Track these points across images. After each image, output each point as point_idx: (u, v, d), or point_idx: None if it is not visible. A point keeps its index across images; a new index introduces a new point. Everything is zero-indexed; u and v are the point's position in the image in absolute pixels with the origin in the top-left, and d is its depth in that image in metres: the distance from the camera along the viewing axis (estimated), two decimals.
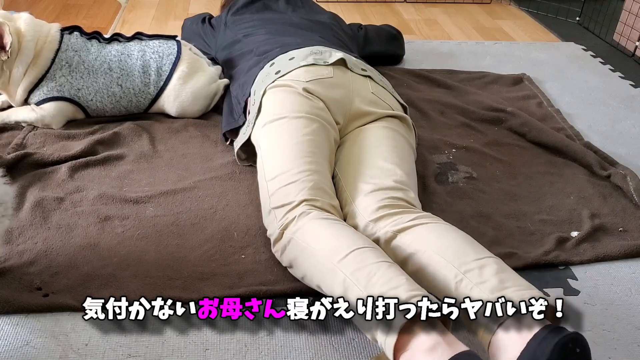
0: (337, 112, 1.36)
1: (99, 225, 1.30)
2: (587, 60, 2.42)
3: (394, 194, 1.18)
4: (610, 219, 1.41)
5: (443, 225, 1.11)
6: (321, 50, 1.45)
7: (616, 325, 1.14)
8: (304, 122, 1.28)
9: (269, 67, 1.45)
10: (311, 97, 1.33)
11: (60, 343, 1.04)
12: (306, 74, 1.36)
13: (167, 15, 2.75)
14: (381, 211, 1.14)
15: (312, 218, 1.11)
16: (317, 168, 1.22)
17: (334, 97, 1.36)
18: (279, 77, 1.38)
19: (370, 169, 1.25)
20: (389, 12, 2.94)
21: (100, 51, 1.67)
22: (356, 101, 1.37)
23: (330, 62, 1.40)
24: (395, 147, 1.31)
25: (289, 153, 1.24)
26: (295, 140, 1.25)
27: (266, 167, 1.26)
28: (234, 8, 1.95)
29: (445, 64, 2.26)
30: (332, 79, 1.37)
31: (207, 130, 1.69)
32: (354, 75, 1.41)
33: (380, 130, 1.34)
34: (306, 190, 1.17)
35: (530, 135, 1.73)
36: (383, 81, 1.47)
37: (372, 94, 1.39)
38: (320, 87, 1.35)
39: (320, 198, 1.17)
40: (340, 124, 1.37)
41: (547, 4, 3.05)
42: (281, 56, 1.47)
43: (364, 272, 0.96)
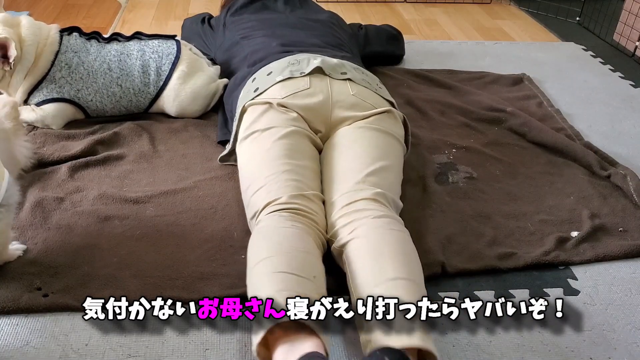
0: (316, 120, 1.36)
1: (99, 225, 1.30)
2: (587, 60, 2.42)
3: (353, 198, 1.18)
4: (610, 219, 1.41)
5: (366, 240, 1.09)
6: (299, 60, 1.45)
7: (616, 325, 1.14)
8: (274, 131, 1.30)
9: (251, 83, 1.47)
10: (284, 111, 1.34)
11: (60, 343, 1.04)
12: (282, 90, 1.38)
13: (167, 15, 2.75)
14: (338, 222, 1.16)
15: (256, 230, 1.13)
16: (286, 167, 1.23)
17: (312, 106, 1.36)
18: (257, 95, 1.40)
19: (337, 174, 1.26)
20: (389, 12, 2.94)
21: (99, 51, 1.67)
22: (336, 108, 1.37)
23: (306, 72, 1.40)
24: (368, 146, 1.30)
25: (258, 162, 1.27)
26: (264, 149, 1.28)
27: (241, 181, 1.31)
28: (233, 8, 1.96)
29: (445, 64, 2.26)
30: (308, 89, 1.38)
31: (207, 130, 1.69)
32: (333, 80, 1.41)
33: (355, 131, 1.34)
34: (271, 192, 1.19)
35: (530, 135, 1.73)
36: (366, 80, 1.45)
37: (353, 96, 1.38)
38: (296, 99, 1.36)
39: (286, 194, 1.18)
40: (322, 132, 1.38)
41: (547, 4, 3.05)
42: (261, 70, 1.48)
43: (253, 283, 1.03)
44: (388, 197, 1.21)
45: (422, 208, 1.40)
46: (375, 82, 1.49)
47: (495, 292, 1.20)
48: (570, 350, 1.08)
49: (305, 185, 1.21)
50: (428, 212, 1.39)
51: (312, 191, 1.21)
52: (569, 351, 1.08)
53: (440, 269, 1.22)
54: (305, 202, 1.18)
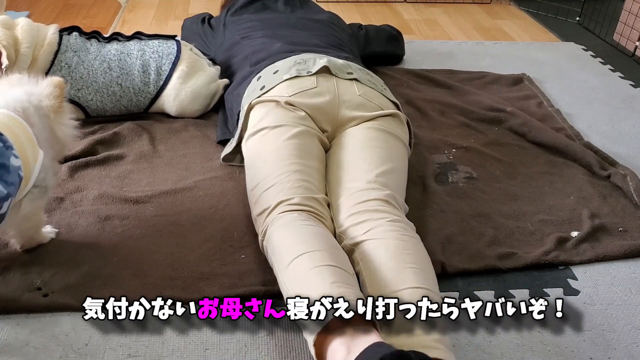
0: (322, 119, 1.36)
1: (99, 225, 1.30)
2: (587, 60, 2.42)
3: (365, 197, 1.18)
4: (610, 219, 1.41)
5: (386, 242, 1.09)
6: (305, 59, 1.45)
7: (616, 325, 1.14)
8: (283, 130, 1.30)
9: (256, 82, 1.47)
10: (292, 109, 1.34)
11: (60, 343, 1.04)
12: (289, 88, 1.38)
13: (167, 15, 2.75)
14: (349, 220, 1.16)
15: (279, 226, 1.12)
16: (297, 168, 1.23)
17: (319, 105, 1.36)
18: (263, 93, 1.40)
19: (346, 173, 1.26)
20: (389, 12, 2.94)
21: (99, 51, 1.67)
22: (342, 108, 1.37)
23: (313, 71, 1.41)
24: (375, 147, 1.31)
25: (268, 161, 1.26)
26: (273, 147, 1.28)
27: (248, 178, 1.30)
28: (233, 8, 1.96)
29: (445, 64, 2.26)
30: (315, 89, 1.38)
31: (207, 130, 1.69)
32: (339, 80, 1.41)
33: (364, 131, 1.34)
34: (283, 192, 1.18)
35: (530, 135, 1.73)
36: (371, 81, 1.46)
37: (359, 96, 1.39)
38: (303, 98, 1.36)
39: (298, 195, 1.17)
40: (328, 131, 1.38)
41: (547, 4, 3.05)
42: (267, 69, 1.48)
43: (294, 279, 1.01)
44: (398, 200, 1.22)
45: (422, 208, 1.40)
46: (380, 83, 1.50)
47: (495, 292, 1.20)
48: (570, 350, 1.08)
49: (315, 188, 1.22)
50: (428, 212, 1.39)
51: (321, 194, 1.22)
52: (569, 351, 1.08)
53: (440, 269, 1.22)
54: (316, 205, 1.18)
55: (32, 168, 1.08)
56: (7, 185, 0.99)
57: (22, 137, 1.06)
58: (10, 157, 1.01)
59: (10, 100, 1.11)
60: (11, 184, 1.00)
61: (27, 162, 1.06)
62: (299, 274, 1.01)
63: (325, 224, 1.16)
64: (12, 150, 1.02)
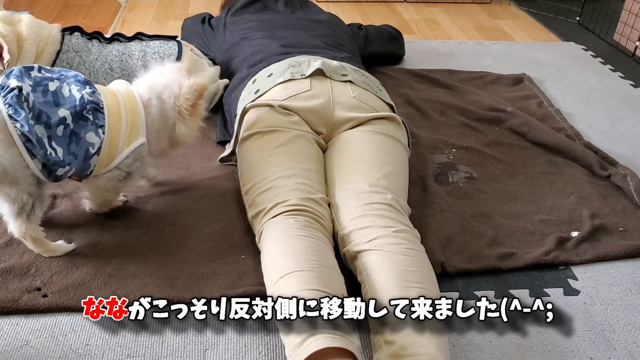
0: (317, 122, 1.36)
1: (99, 224, 1.30)
2: (587, 60, 2.42)
3: (368, 200, 1.18)
4: (610, 219, 1.41)
5: (391, 257, 1.08)
6: (300, 62, 1.45)
7: (616, 325, 1.14)
8: (276, 135, 1.30)
9: (252, 85, 1.47)
10: (285, 113, 1.34)
11: (60, 343, 1.04)
12: (282, 92, 1.38)
13: (167, 15, 2.75)
14: (352, 223, 1.15)
15: (273, 231, 1.12)
16: (292, 172, 1.23)
17: (313, 108, 1.36)
18: (257, 97, 1.40)
19: (347, 175, 1.25)
20: (389, 12, 2.94)
21: (101, 51, 1.67)
22: (337, 109, 1.37)
23: (307, 74, 1.40)
24: (376, 150, 1.30)
25: (262, 164, 1.26)
26: (267, 152, 1.28)
27: (242, 181, 1.30)
28: (233, 9, 1.96)
29: (445, 64, 2.26)
30: (309, 91, 1.38)
31: (207, 130, 1.68)
32: (334, 82, 1.41)
33: (361, 134, 1.34)
34: (280, 195, 1.18)
35: (530, 135, 1.73)
36: (366, 82, 1.46)
37: (354, 98, 1.38)
38: (297, 101, 1.36)
39: (294, 197, 1.17)
40: (324, 134, 1.37)
41: (547, 4, 3.05)
42: (262, 72, 1.48)
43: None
44: (401, 203, 1.22)
45: (422, 208, 1.40)
46: (376, 84, 1.49)
47: (495, 292, 1.20)
48: (570, 350, 1.08)
49: (312, 189, 1.21)
50: (428, 212, 1.39)
51: (320, 194, 1.21)
52: (569, 351, 1.08)
53: (440, 269, 1.22)
54: (314, 206, 1.18)
55: (119, 150, 1.12)
56: (67, 153, 1.04)
57: (125, 119, 1.09)
58: (90, 132, 1.06)
59: (146, 84, 1.18)
60: (73, 154, 1.05)
61: (116, 143, 1.08)
62: (284, 292, 0.99)
63: (324, 224, 1.16)
64: (97, 128, 1.06)
